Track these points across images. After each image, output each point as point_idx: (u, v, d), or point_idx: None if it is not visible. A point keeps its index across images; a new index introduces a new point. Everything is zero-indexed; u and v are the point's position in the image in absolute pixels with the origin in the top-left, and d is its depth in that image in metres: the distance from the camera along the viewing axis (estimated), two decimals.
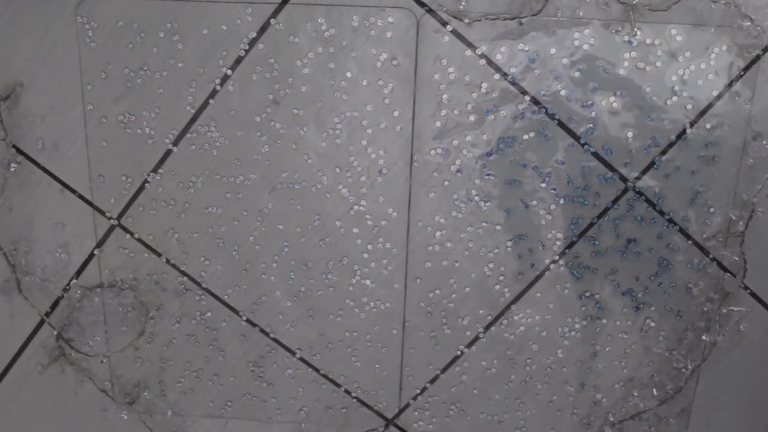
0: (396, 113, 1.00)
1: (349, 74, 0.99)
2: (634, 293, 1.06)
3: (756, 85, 0.96)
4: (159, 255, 1.09)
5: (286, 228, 1.06)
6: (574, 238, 1.04)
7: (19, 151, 1.05)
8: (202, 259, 1.09)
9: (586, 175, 1.01)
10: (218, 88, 1.00)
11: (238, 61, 0.99)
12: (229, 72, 1.00)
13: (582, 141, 1.00)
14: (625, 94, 0.97)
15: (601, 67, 0.96)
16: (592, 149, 1.00)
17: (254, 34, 0.98)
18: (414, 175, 1.03)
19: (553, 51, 0.96)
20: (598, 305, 1.07)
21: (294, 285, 1.09)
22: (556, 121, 0.99)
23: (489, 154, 1.01)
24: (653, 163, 1.00)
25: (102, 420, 1.19)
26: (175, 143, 1.03)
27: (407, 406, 1.15)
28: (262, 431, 1.19)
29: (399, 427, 1.16)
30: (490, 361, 1.11)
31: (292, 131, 1.02)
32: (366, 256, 1.07)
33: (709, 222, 1.03)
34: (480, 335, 1.10)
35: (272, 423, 1.18)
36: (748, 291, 1.06)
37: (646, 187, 1.01)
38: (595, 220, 1.03)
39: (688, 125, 0.98)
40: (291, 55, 0.98)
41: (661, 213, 1.02)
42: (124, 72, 1.00)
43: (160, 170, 1.05)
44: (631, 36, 0.95)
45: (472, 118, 1.00)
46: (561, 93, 0.98)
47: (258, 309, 1.11)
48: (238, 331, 1.13)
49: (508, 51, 0.97)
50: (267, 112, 1.01)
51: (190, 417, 1.19)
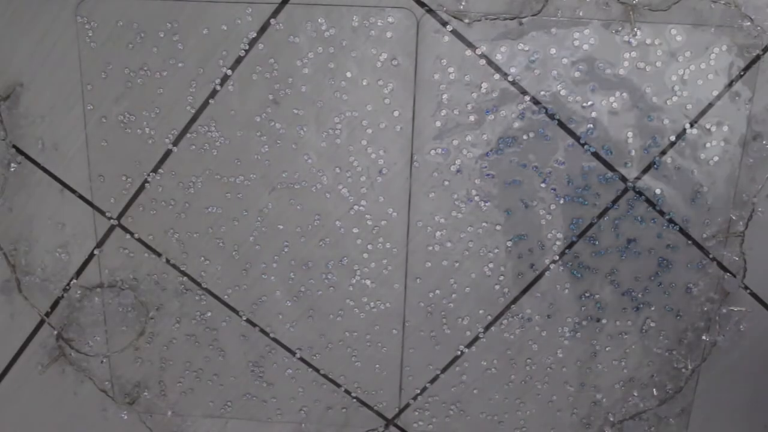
0: (396, 113, 1.00)
1: (349, 74, 0.99)
2: (634, 293, 1.06)
3: (756, 85, 0.96)
4: (159, 255, 1.09)
5: (286, 228, 1.06)
6: (574, 238, 1.04)
7: (19, 151, 1.05)
8: (202, 259, 1.09)
9: (586, 175, 1.01)
10: (218, 88, 1.00)
11: (238, 61, 0.99)
12: (229, 72, 1.00)
13: (582, 141, 1.00)
14: (625, 94, 0.97)
15: (601, 67, 0.96)
16: (592, 149, 1.00)
17: (254, 34, 0.98)
18: (414, 175, 1.03)
19: (553, 51, 0.96)
20: (598, 305, 1.07)
21: (294, 285, 1.09)
22: (556, 122, 0.99)
23: (489, 154, 1.01)
24: (653, 163, 1.00)
25: (102, 420, 1.19)
26: (175, 143, 1.03)
27: (407, 406, 1.15)
28: (262, 431, 1.19)
29: (399, 427, 1.16)
30: (490, 361, 1.11)
31: (292, 131, 1.02)
32: (366, 256, 1.07)
33: (709, 222, 1.03)
34: (480, 335, 1.10)
35: (272, 423, 1.18)
36: (748, 291, 1.06)
37: (646, 187, 1.01)
38: (595, 220, 1.03)
39: (688, 125, 0.98)
40: (291, 55, 0.98)
41: (661, 213, 1.02)
42: (124, 72, 1.00)
43: (160, 170, 1.05)
44: (631, 36, 0.95)
45: (472, 118, 1.00)
46: (561, 93, 0.98)
47: (258, 309, 1.11)
48: (238, 331, 1.13)
49: (508, 51, 0.97)
50: (267, 112, 1.01)
51: (190, 417, 1.19)
